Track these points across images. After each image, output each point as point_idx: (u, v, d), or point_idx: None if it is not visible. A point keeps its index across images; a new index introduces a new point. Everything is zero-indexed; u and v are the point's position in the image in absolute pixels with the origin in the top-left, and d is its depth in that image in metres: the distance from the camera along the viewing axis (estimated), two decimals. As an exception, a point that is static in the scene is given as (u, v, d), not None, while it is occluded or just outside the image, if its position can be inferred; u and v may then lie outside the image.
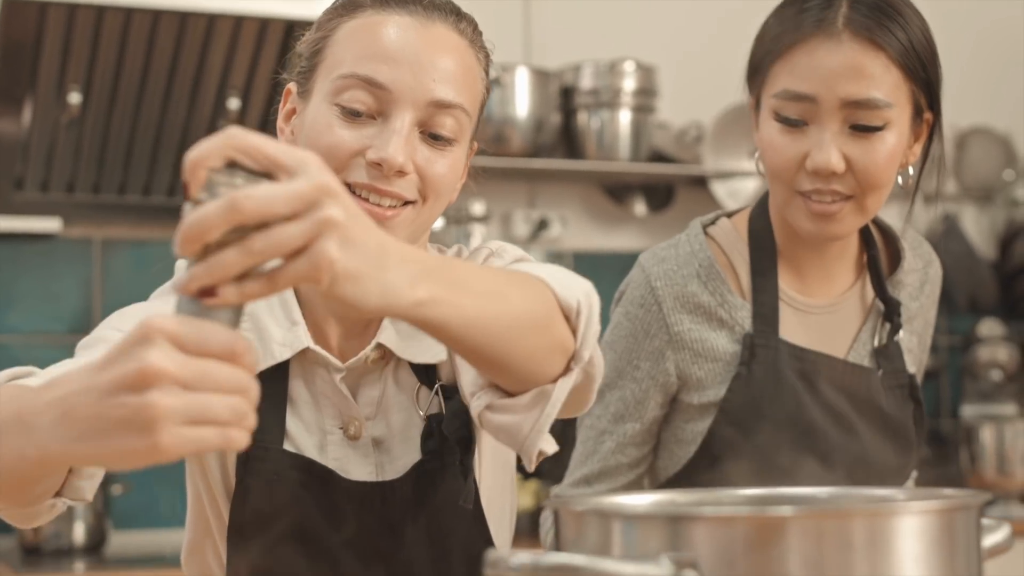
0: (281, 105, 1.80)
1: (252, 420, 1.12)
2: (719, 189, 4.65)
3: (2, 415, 1.27)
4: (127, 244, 4.29)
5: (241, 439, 1.12)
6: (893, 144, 2.01)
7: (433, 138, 1.69)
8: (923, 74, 2.03)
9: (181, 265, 1.80)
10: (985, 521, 1.34)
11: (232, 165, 1.14)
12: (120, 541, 4.03)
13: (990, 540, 1.34)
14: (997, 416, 4.84)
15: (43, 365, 1.62)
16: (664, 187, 4.84)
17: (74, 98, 3.88)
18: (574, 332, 1.48)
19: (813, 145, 2.00)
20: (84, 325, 4.18)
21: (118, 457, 1.12)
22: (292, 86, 1.78)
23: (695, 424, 2.11)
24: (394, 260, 1.22)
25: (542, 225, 4.65)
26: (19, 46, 3.75)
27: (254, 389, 1.13)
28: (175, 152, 4.10)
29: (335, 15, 1.74)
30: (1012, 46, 5.28)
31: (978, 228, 5.25)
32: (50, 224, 4.17)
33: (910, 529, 1.20)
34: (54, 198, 4.13)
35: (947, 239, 5.01)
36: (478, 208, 4.47)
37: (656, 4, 4.86)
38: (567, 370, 1.49)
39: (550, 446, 1.52)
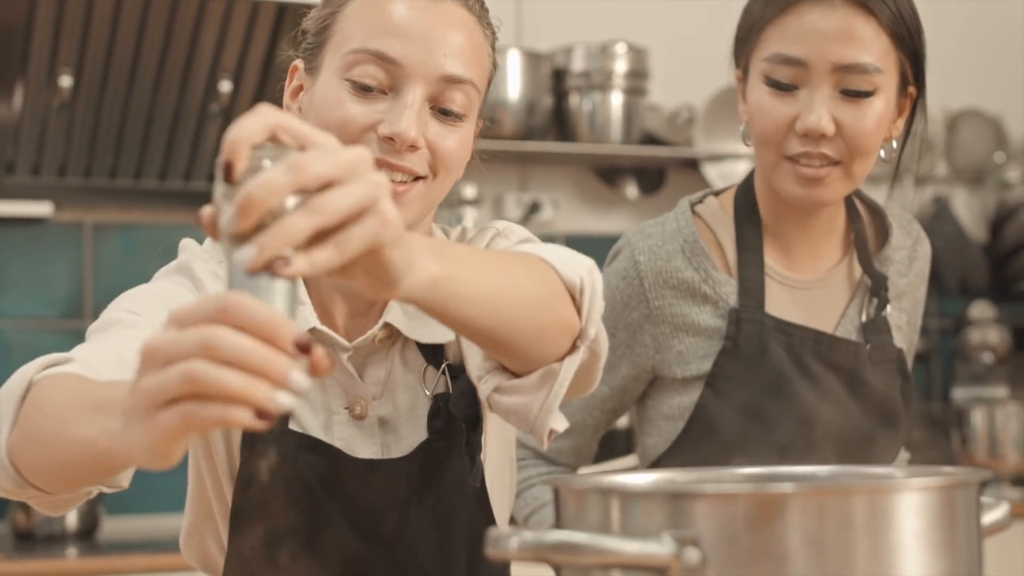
0: (287, 82, 1.79)
1: (259, 395, 1.05)
2: (711, 171, 4.65)
3: (75, 405, 1.26)
4: (118, 228, 4.28)
5: (214, 415, 1.05)
6: (881, 110, 2.04)
7: (444, 113, 1.69)
8: (910, 43, 2.06)
9: (185, 244, 1.79)
10: (984, 499, 1.35)
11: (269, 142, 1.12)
12: (113, 526, 4.03)
13: (989, 518, 1.35)
14: (988, 399, 4.85)
15: (34, 350, 1.61)
16: (656, 170, 4.84)
17: (65, 81, 3.87)
18: (578, 310, 1.49)
19: (803, 107, 2.02)
20: (76, 310, 4.17)
21: (136, 452, 1.09)
22: (299, 63, 1.78)
23: (681, 398, 2.13)
24: (410, 236, 1.22)
25: (534, 208, 4.65)
26: (10, 29, 3.74)
27: (269, 362, 1.06)
28: (166, 136, 4.09)
29: None
30: (1003, 28, 5.28)
31: (969, 210, 5.25)
32: (41, 208, 4.16)
33: (910, 506, 1.20)
34: (45, 182, 4.12)
35: (938, 221, 5.01)
36: (470, 191, 4.47)
37: (647, -13, 4.86)
38: (573, 348, 1.50)
39: (560, 424, 1.52)
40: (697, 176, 4.67)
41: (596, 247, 1.58)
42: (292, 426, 1.74)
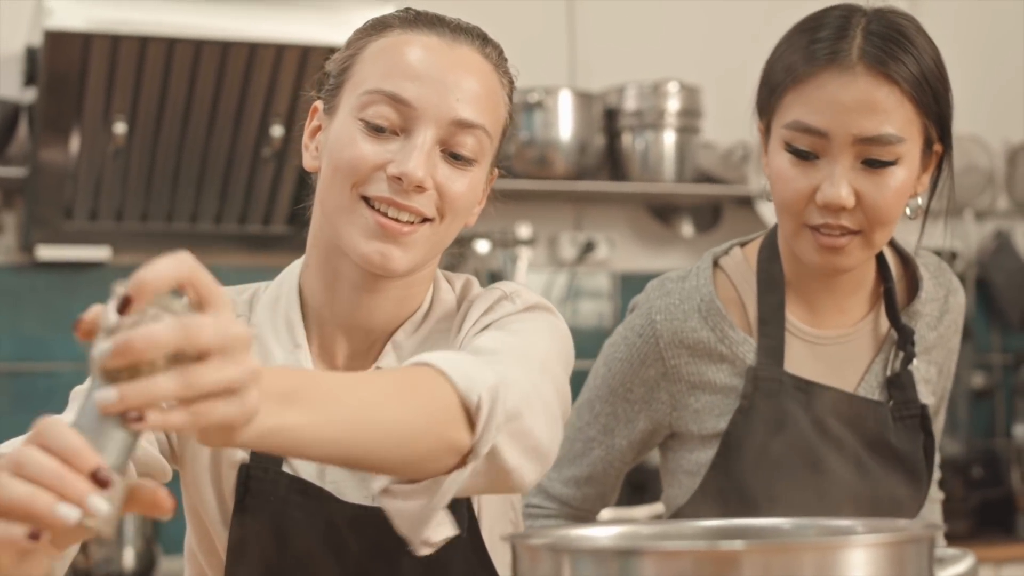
0: (307, 122, 1.82)
1: (40, 505, 1.10)
2: (766, 209, 4.64)
3: None
4: (176, 271, 4.33)
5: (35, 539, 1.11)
6: (903, 178, 1.98)
7: (454, 157, 1.71)
8: (935, 107, 1.99)
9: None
10: (950, 551, 1.34)
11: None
12: (170, 566, 4.06)
13: (951, 571, 1.34)
14: (1050, 435, 4.80)
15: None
16: (711, 207, 4.84)
17: (120, 128, 3.94)
18: (474, 427, 1.45)
19: (824, 179, 1.97)
20: (135, 351, 4.22)
21: None
22: (318, 104, 1.81)
23: (699, 455, 2.11)
24: (265, 382, 1.20)
25: (588, 247, 4.66)
26: (65, 77, 3.81)
27: (64, 481, 1.10)
28: (220, 180, 4.15)
29: (364, 35, 1.77)
30: (1065, 60, 5.24)
31: (1031, 244, 5.21)
32: (99, 252, 4.22)
33: (859, 562, 1.20)
34: (103, 227, 4.19)
35: (999, 255, 4.97)
36: (524, 231, 4.48)
37: (699, 24, 4.87)
38: (463, 463, 1.46)
39: (438, 534, 1.50)
40: (753, 213, 4.67)
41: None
42: (285, 468, 1.76)
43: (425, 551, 1.52)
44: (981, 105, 4.88)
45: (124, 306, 1.10)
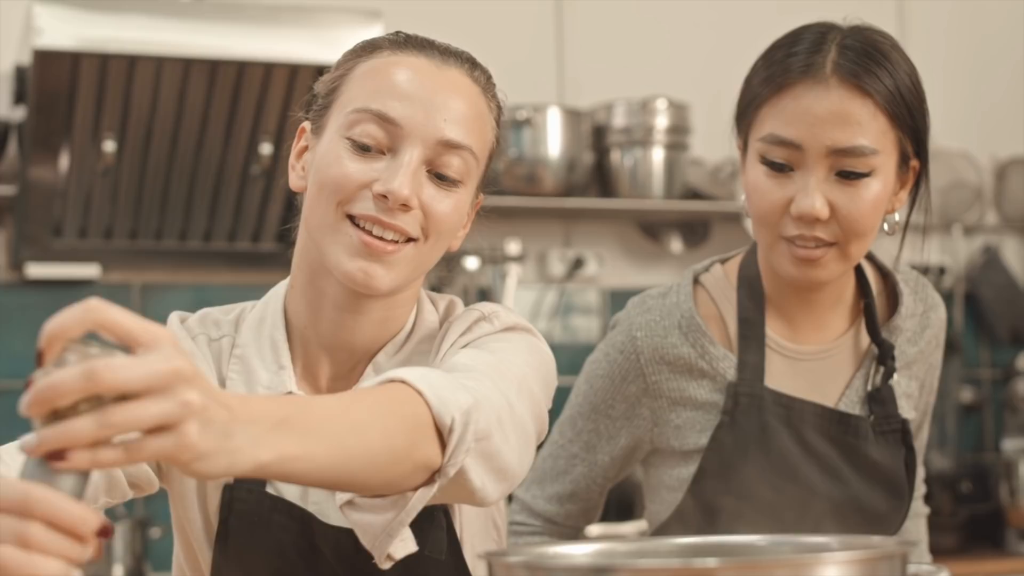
0: (295, 142, 1.83)
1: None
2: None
3: None
4: (165, 288, 4.35)
5: None
6: (878, 191, 1.99)
7: (439, 178, 1.72)
8: (910, 121, 2.01)
9: (168, 322, 1.83)
10: (924, 567, 1.35)
11: (89, 336, 1.12)
12: (159, 583, 4.07)
13: (926, 587, 1.35)
14: (1038, 450, 4.80)
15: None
16: (700, 223, 4.85)
17: (109, 146, 3.95)
18: (445, 447, 1.46)
19: (798, 191, 1.98)
20: (125, 369, 4.22)
21: None
22: (306, 124, 1.81)
23: (680, 470, 2.12)
24: (240, 424, 1.20)
25: (578, 264, 4.67)
26: (54, 96, 3.82)
27: (66, 551, 1.10)
28: (209, 197, 4.16)
29: (353, 56, 1.78)
30: (1052, 76, 5.25)
31: (1019, 259, 5.21)
32: (89, 270, 4.23)
33: (832, 579, 1.21)
34: (92, 244, 4.20)
35: (988, 270, 4.98)
36: (513, 247, 4.49)
37: (687, 42, 4.88)
38: (430, 481, 1.47)
39: (400, 551, 1.51)
40: (741, 230, 4.67)
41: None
42: (268, 489, 1.76)
43: (386, 565, 1.52)
44: (970, 121, 4.90)
45: (39, 360, 1.11)
